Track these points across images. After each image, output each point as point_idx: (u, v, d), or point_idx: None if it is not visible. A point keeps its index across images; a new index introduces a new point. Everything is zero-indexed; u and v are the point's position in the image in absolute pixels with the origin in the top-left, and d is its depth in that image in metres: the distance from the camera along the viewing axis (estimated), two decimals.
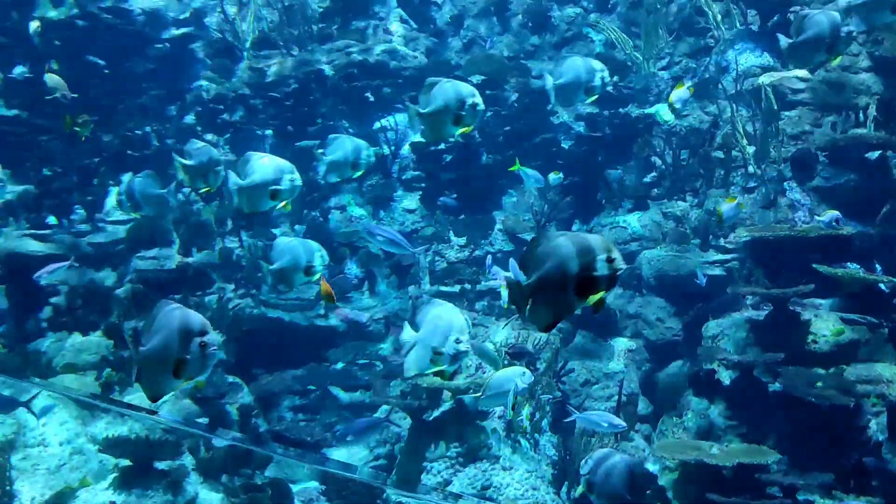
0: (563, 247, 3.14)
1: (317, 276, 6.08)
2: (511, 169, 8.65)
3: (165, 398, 8.00)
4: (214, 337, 3.63)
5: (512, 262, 8.27)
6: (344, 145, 6.51)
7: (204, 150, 6.72)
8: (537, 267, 3.17)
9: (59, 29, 12.48)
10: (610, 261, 3.13)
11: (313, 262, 6.03)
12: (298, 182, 5.71)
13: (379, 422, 7.85)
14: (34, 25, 9.65)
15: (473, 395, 6.84)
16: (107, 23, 12.67)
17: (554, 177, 9.15)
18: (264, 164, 5.63)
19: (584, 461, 5.62)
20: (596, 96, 6.31)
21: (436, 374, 4.47)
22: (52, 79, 9.62)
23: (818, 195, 9.37)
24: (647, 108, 11.51)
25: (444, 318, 4.31)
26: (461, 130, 5.14)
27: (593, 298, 3.16)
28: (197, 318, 3.63)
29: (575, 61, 6.30)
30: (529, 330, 8.68)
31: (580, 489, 5.58)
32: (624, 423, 6.60)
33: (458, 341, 4.23)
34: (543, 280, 3.15)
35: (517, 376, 6.07)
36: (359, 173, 6.52)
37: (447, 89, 5.06)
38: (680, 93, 8.58)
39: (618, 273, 3.14)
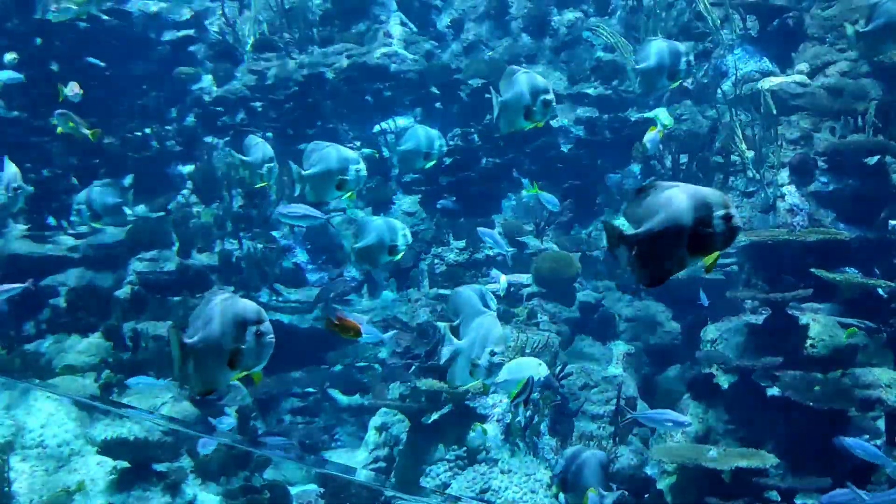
0: (676, 198, 2.88)
1: (399, 256, 5.87)
2: (528, 192, 8.62)
3: (165, 400, 8.05)
4: (270, 326, 3.46)
5: (490, 231, 8.24)
6: (416, 135, 6.34)
7: (260, 146, 6.68)
8: (647, 217, 2.91)
9: (60, 31, 12.49)
10: (727, 218, 2.85)
11: (397, 241, 5.79)
12: (364, 173, 5.65)
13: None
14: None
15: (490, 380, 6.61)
16: (107, 25, 12.69)
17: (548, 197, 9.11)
18: (329, 154, 5.57)
19: (554, 463, 5.61)
20: (679, 82, 6.01)
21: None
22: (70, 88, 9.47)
23: (817, 200, 9.39)
24: (647, 112, 11.54)
25: (484, 328, 4.17)
26: (530, 125, 5.06)
27: (709, 259, 2.92)
28: (252, 307, 3.48)
29: (659, 45, 5.96)
30: (528, 333, 8.69)
31: (553, 490, 5.55)
32: (688, 420, 6.39)
33: (493, 353, 4.11)
34: (654, 232, 2.89)
35: (533, 366, 6.01)
36: (431, 163, 6.33)
37: (520, 81, 4.98)
38: (651, 135, 8.73)
39: (735, 231, 2.84)
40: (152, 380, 7.62)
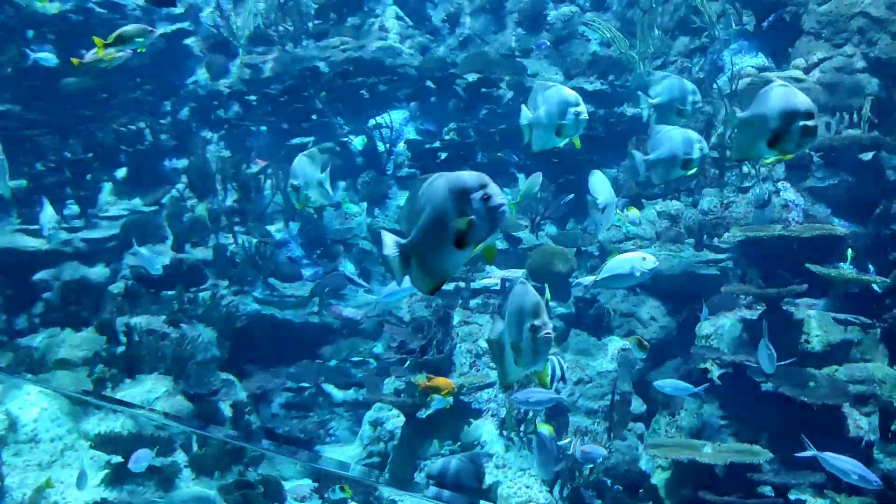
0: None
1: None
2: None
3: (159, 395, 8.02)
4: (497, 188, 2.86)
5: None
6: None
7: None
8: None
9: (53, 23, 12.42)
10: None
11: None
12: (706, 149, 5.51)
13: None
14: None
15: (593, 277, 6.48)
16: (101, 17, 12.62)
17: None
18: (673, 136, 5.43)
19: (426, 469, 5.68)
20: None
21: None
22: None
23: (812, 195, 9.39)
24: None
25: (516, 299, 3.55)
26: (563, 142, 4.80)
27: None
28: (471, 174, 2.87)
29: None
30: None
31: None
32: (877, 479, 5.81)
33: (533, 328, 3.41)
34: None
35: (636, 261, 5.81)
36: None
37: (551, 96, 4.75)
38: (632, 215, 9.03)
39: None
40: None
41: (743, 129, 4.29)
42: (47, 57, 11.06)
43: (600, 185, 6.61)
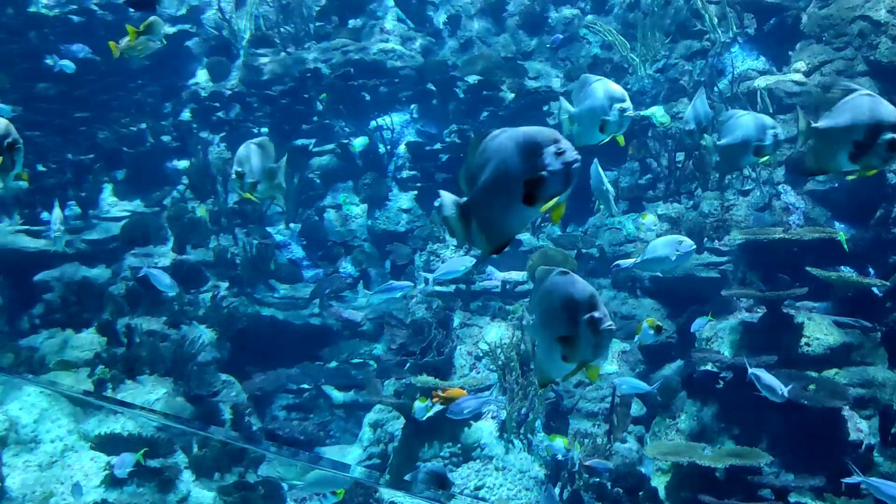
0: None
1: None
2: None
3: (160, 396, 8.03)
4: (568, 143, 2.75)
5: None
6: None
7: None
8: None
9: (55, 24, 12.44)
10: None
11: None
12: (782, 136, 5.33)
13: None
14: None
15: (633, 259, 6.57)
16: (102, 18, 12.63)
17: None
18: (746, 121, 5.27)
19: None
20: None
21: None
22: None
23: (813, 198, 9.40)
24: (643, 110, 11.52)
25: (561, 290, 3.17)
26: (607, 138, 4.67)
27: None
28: (545, 130, 2.74)
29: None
30: (522, 330, 8.69)
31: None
32: None
33: (593, 321, 3.09)
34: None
35: (674, 244, 5.86)
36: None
37: (597, 90, 4.62)
38: (647, 221, 9.06)
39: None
40: None
41: (821, 141, 3.99)
42: (67, 64, 11.29)
43: (599, 172, 6.96)
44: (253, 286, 10.28)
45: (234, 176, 5.49)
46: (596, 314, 2.96)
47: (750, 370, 6.59)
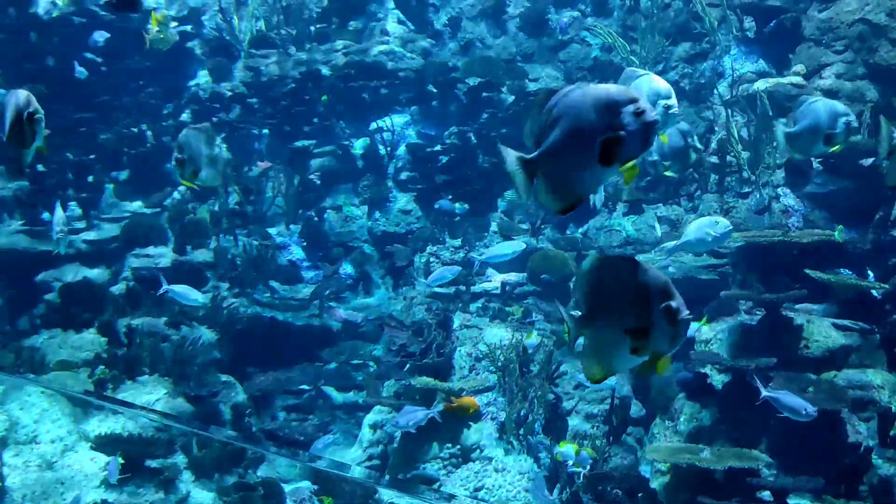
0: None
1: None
2: None
3: (160, 396, 8.04)
4: (647, 104, 2.65)
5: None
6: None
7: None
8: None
9: (57, 26, 12.47)
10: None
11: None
12: (854, 123, 5.24)
13: None
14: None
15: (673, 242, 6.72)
16: (103, 20, 12.65)
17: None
18: (817, 108, 5.19)
19: None
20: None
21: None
22: None
23: (812, 201, 9.42)
24: None
25: (625, 280, 2.89)
26: (830, 150, 4.73)
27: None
28: (618, 88, 2.67)
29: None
30: (522, 332, 8.70)
31: None
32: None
33: (670, 310, 2.87)
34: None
35: (711, 225, 6.00)
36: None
37: (640, 86, 4.59)
38: (704, 330, 8.50)
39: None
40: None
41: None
42: (81, 70, 11.65)
43: None
44: (253, 287, 10.30)
45: (174, 163, 5.27)
46: (673, 303, 2.80)
47: (763, 392, 6.41)
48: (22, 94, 4.33)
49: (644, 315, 2.80)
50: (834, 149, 5.29)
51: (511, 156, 2.71)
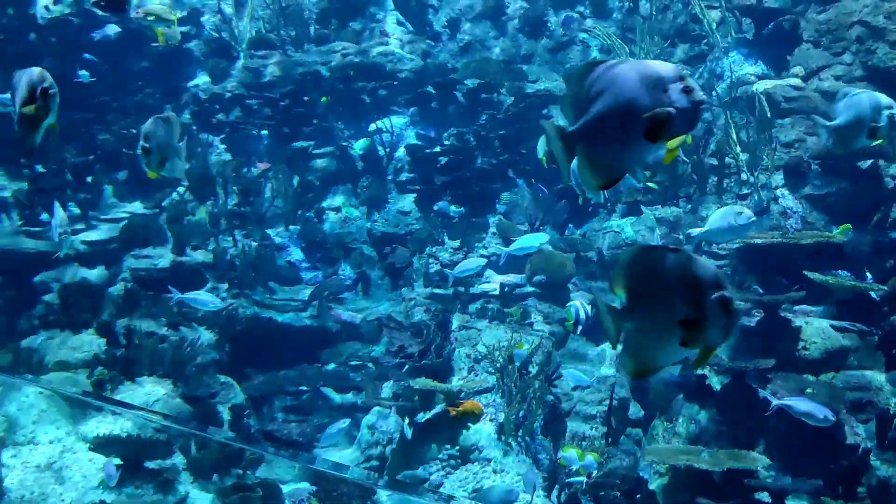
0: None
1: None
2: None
3: (158, 397, 8.03)
4: (693, 81, 2.62)
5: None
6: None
7: None
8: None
9: (56, 26, 12.46)
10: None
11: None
12: None
13: None
14: None
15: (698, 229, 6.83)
16: (103, 20, 12.65)
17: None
18: (860, 100, 5.04)
19: None
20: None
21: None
22: None
23: (810, 203, 9.43)
24: None
25: (675, 270, 2.78)
26: (874, 143, 4.69)
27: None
28: (664, 64, 2.64)
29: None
30: (521, 333, 8.70)
31: None
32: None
33: (724, 301, 2.73)
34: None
35: (733, 215, 6.08)
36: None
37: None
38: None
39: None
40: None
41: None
42: (84, 74, 11.78)
43: None
44: (252, 288, 10.29)
45: (139, 151, 5.19)
46: (727, 293, 2.66)
47: (774, 402, 6.39)
48: (36, 70, 4.31)
49: (696, 306, 2.68)
50: (877, 142, 5.14)
51: (552, 127, 2.66)
